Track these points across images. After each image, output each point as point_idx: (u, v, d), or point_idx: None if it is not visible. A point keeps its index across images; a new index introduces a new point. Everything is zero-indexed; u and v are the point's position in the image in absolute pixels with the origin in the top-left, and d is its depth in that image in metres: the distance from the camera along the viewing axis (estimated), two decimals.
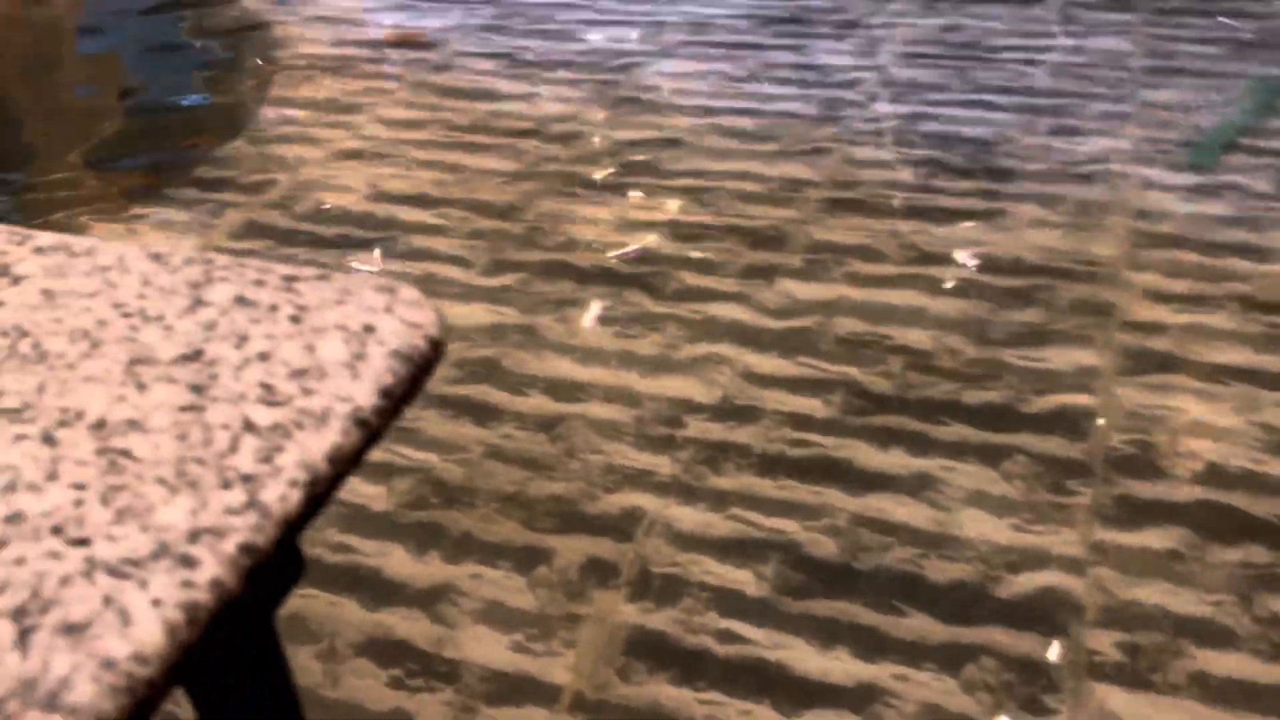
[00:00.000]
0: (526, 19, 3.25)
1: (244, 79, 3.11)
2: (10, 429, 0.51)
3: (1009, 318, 1.94)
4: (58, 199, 2.58)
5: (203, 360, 0.55)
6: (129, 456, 0.50)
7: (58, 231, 0.73)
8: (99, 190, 2.63)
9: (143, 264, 0.63)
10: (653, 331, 1.99)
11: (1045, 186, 2.27)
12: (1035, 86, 2.65)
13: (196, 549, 0.45)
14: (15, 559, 0.45)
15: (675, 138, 2.57)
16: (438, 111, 2.79)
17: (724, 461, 1.72)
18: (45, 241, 0.65)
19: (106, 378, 0.54)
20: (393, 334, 0.57)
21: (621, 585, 1.55)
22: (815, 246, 2.16)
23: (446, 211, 2.38)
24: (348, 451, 0.51)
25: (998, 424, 1.74)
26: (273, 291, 0.60)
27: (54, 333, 0.57)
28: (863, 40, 2.95)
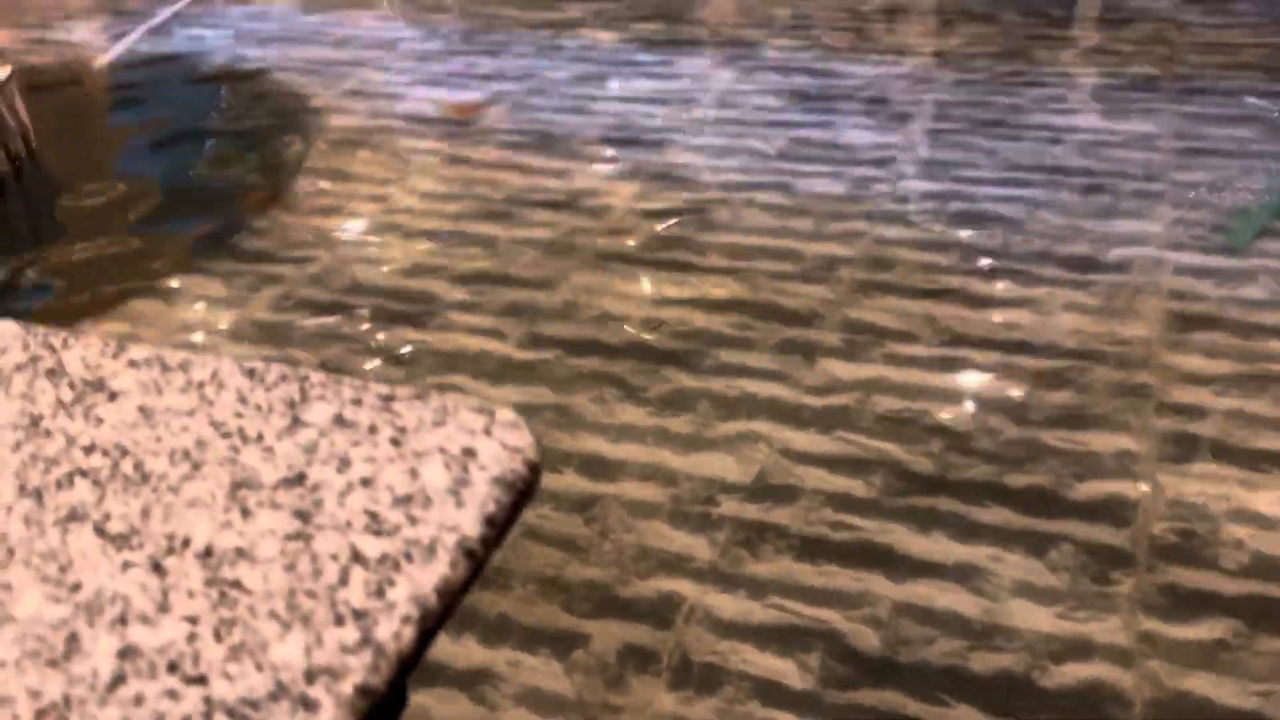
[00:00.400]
0: (558, 95, 3.30)
1: (281, 152, 3.16)
2: (119, 556, 0.52)
3: (1046, 400, 1.94)
4: (95, 272, 2.61)
5: (306, 485, 0.55)
6: (239, 588, 0.50)
7: (96, 304, 0.74)
8: (136, 263, 2.66)
9: (237, 379, 0.63)
10: (687, 409, 1.99)
11: (1078, 267, 2.28)
12: (1066, 166, 2.67)
13: (315, 690, 0.45)
14: (134, 697, 0.45)
15: (708, 214, 2.59)
16: (471, 185, 2.82)
17: (762, 544, 1.71)
18: (139, 355, 0.66)
19: (210, 502, 0.55)
20: (493, 459, 0.57)
21: (661, 673, 1.53)
22: (851, 325, 2.16)
23: (480, 286, 2.40)
24: (456, 584, 0.51)
25: (1040, 509, 1.72)
26: (371, 411, 0.61)
27: (154, 452, 0.58)
28: (892, 117, 2.99)
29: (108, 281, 2.54)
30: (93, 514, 0.55)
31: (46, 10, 4.56)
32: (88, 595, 0.50)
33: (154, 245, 2.74)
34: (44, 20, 4.44)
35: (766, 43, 3.55)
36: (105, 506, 0.55)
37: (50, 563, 0.52)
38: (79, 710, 0.45)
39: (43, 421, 0.61)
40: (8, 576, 0.52)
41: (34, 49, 4.07)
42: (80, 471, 0.57)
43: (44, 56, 3.99)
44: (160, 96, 3.66)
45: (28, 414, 0.62)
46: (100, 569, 0.51)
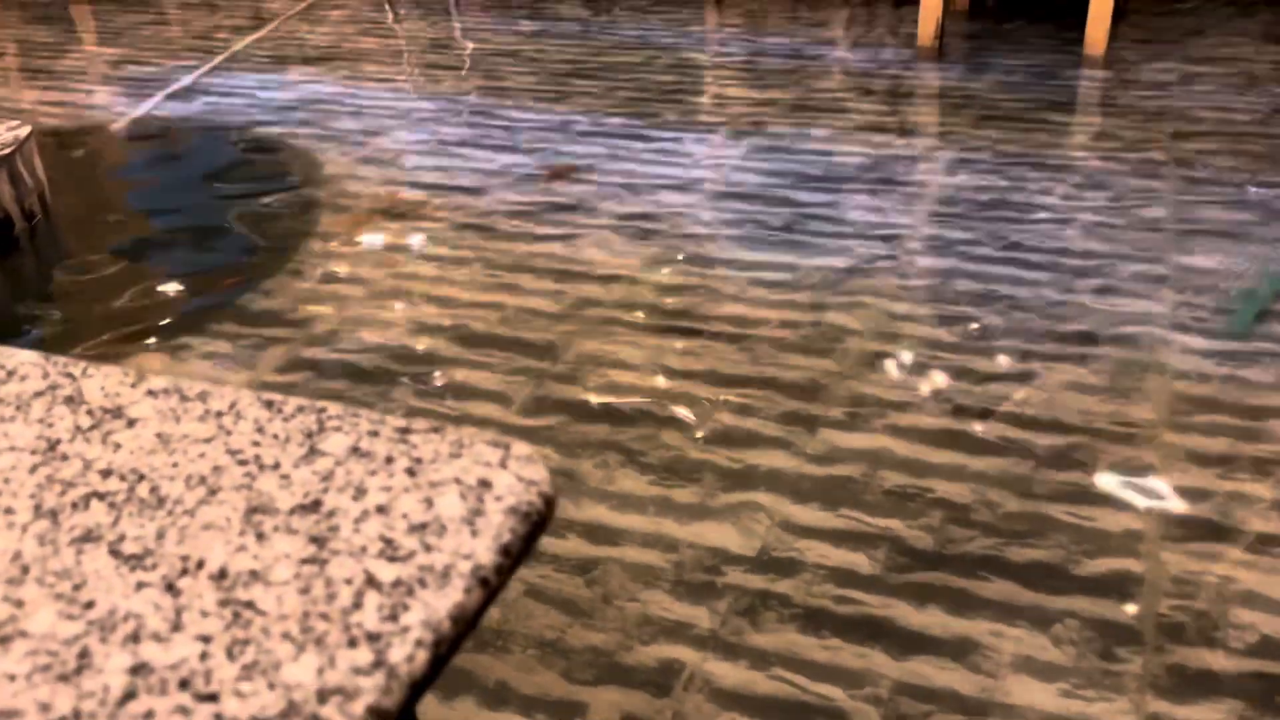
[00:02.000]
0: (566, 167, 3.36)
1: (290, 215, 3.20)
2: (132, 576, 0.51)
3: (1049, 476, 1.93)
4: (100, 329, 2.63)
5: (321, 511, 0.56)
6: (253, 609, 0.50)
7: (102, 360, 0.75)
8: (143, 321, 2.68)
9: (256, 410, 0.64)
10: (691, 479, 1.98)
11: (1080, 347, 2.29)
12: (1068, 247, 2.70)
13: (326, 709, 0.45)
14: (144, 713, 0.45)
15: (712, 285, 2.62)
16: (480, 251, 2.85)
17: (764, 613, 1.70)
18: (157, 385, 0.67)
19: (226, 526, 0.55)
20: (509, 490, 0.57)
21: None
22: (855, 399, 2.17)
23: (488, 350, 2.41)
24: (469, 611, 0.50)
25: (1043, 584, 1.71)
26: (387, 443, 0.61)
27: (171, 477, 0.58)
28: (896, 197, 3.03)
29: (114, 338, 2.56)
30: (108, 535, 0.55)
31: (66, 73, 4.66)
32: (101, 613, 0.50)
33: (162, 304, 2.76)
34: (63, 83, 4.53)
35: (772, 122, 3.62)
36: (120, 528, 0.55)
37: (64, 581, 0.52)
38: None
39: (60, 446, 0.62)
40: (21, 593, 0.52)
41: (53, 110, 4.15)
42: (96, 494, 0.58)
43: (63, 118, 4.06)
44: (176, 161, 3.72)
45: (45, 438, 0.62)
46: (114, 588, 0.51)
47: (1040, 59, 4.02)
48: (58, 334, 2.62)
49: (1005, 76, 3.87)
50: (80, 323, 2.64)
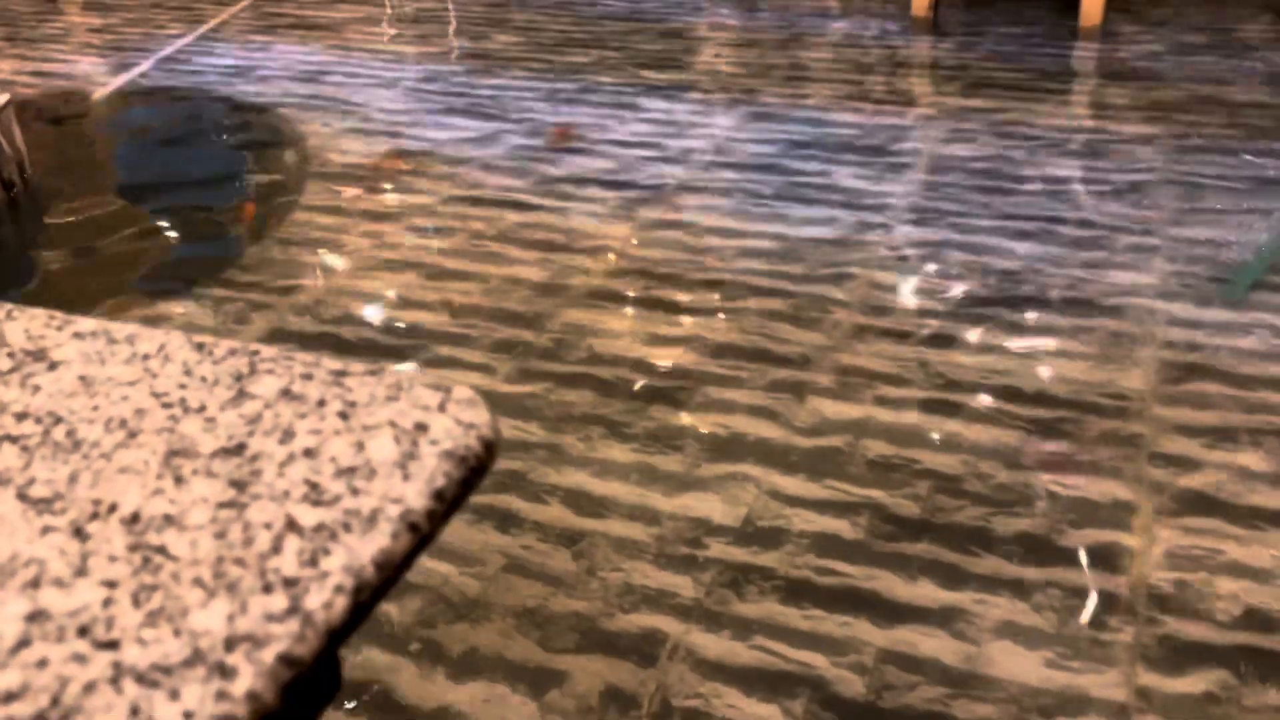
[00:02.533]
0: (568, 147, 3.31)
1: (275, 184, 3.16)
2: (39, 520, 0.48)
3: (1039, 447, 1.90)
4: (82, 297, 2.59)
5: (245, 455, 0.52)
6: (164, 554, 0.47)
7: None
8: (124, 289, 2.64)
9: (185, 353, 0.61)
10: (674, 448, 1.95)
11: (1071, 317, 2.26)
12: (1060, 217, 2.66)
13: (233, 657, 0.42)
14: (37, 660, 0.42)
15: (701, 255, 2.58)
16: (466, 221, 2.81)
17: (748, 585, 1.67)
18: (85, 327, 0.63)
19: (143, 470, 0.51)
20: (446, 433, 0.54)
21: (643, 717, 1.48)
22: (843, 369, 2.14)
23: (472, 321, 2.37)
24: (396, 556, 0.47)
25: (1030, 555, 1.69)
26: (321, 386, 0.58)
27: (89, 420, 0.55)
28: (887, 166, 2.99)
29: (94, 305, 2.52)
30: (17, 479, 0.51)
31: (49, 43, 4.60)
32: (1, 558, 0.47)
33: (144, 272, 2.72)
34: (45, 52, 4.47)
35: (764, 91, 3.57)
36: (31, 471, 0.52)
37: None
38: None
39: None
40: None
41: (35, 81, 4.09)
42: (9, 437, 0.54)
43: (44, 88, 4.01)
44: (158, 129, 3.67)
45: None
46: (18, 533, 0.48)
47: (1035, 30, 3.96)
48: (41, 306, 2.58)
49: (1000, 47, 3.82)
50: (57, 294, 2.60)
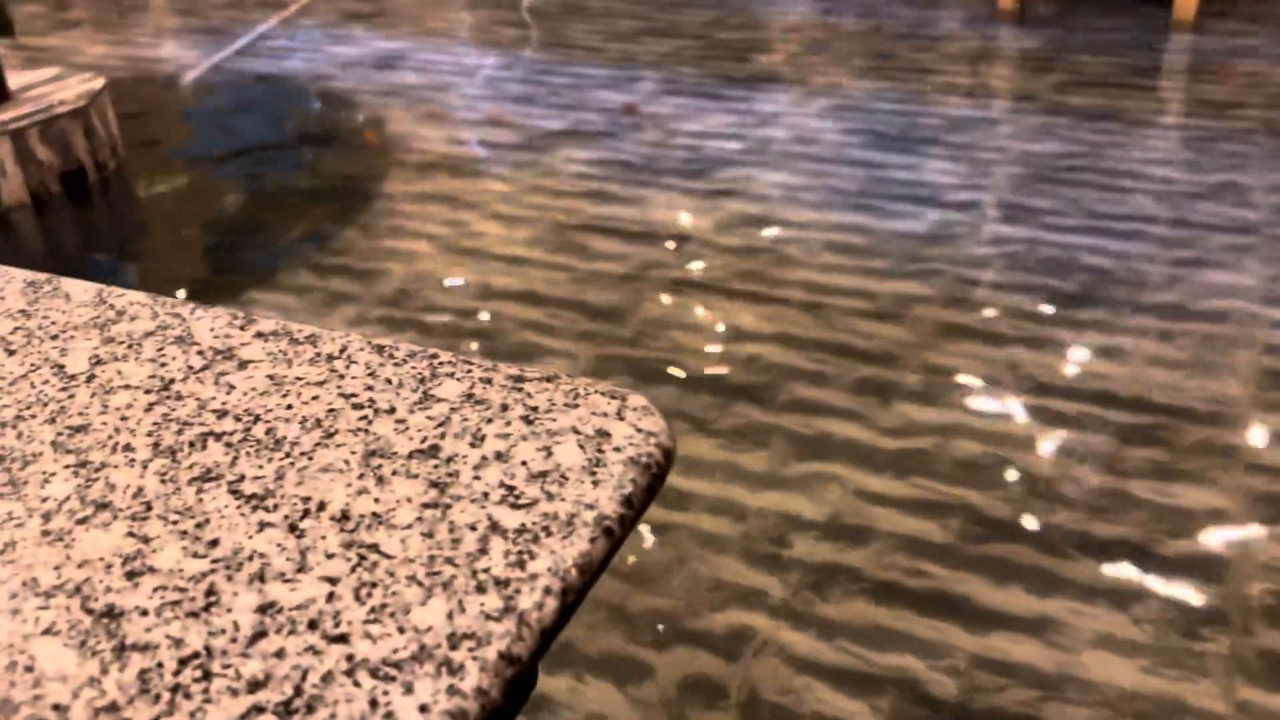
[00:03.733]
0: (636, 127, 3.32)
1: (357, 172, 3.21)
2: (254, 516, 0.51)
3: (1132, 453, 1.88)
4: (167, 275, 2.66)
5: (440, 456, 0.55)
6: (378, 552, 0.49)
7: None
8: (211, 273, 2.70)
9: (367, 355, 0.63)
10: (760, 445, 1.96)
11: (1166, 320, 2.23)
12: (1154, 216, 2.62)
13: (458, 654, 0.44)
14: (275, 651, 0.44)
15: (784, 250, 2.58)
16: (547, 211, 2.84)
17: (835, 585, 1.68)
18: (266, 327, 0.66)
19: (345, 469, 0.54)
20: (627, 441, 0.56)
21: (729, 709, 1.49)
22: (930, 368, 2.13)
23: (554, 311, 2.40)
24: (595, 560, 0.49)
25: (1125, 562, 1.67)
26: (501, 390, 0.60)
27: (285, 419, 0.58)
28: (975, 161, 2.96)
29: (180, 287, 2.59)
30: (227, 475, 0.54)
31: (139, 30, 4.71)
32: (225, 551, 0.49)
33: (230, 256, 2.79)
34: (132, 37, 4.58)
35: (848, 82, 3.55)
36: (239, 468, 0.55)
37: (187, 519, 0.52)
38: (220, 660, 0.44)
39: (174, 385, 0.61)
40: (146, 529, 0.51)
41: (125, 64, 4.19)
42: (213, 434, 0.57)
43: (134, 71, 4.11)
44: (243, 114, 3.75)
45: (159, 378, 0.62)
46: (238, 528, 0.51)
47: (1127, 23, 3.89)
48: (129, 284, 2.66)
49: (1090, 40, 3.75)
50: (145, 275, 2.68)
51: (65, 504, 0.53)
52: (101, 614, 0.47)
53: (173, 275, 2.68)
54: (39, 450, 0.58)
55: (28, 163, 2.91)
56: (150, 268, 2.72)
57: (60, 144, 2.97)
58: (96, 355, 0.65)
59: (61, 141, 2.97)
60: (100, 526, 0.51)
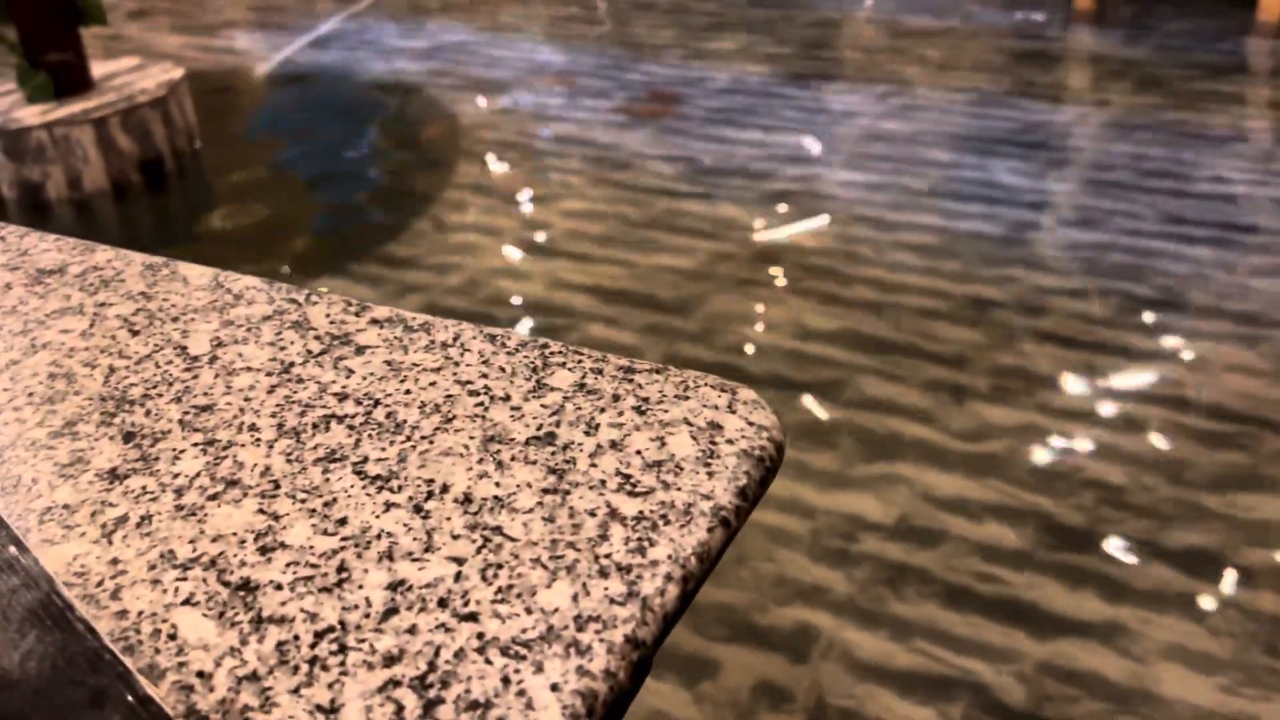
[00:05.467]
0: (706, 122, 3.32)
1: (428, 163, 3.25)
2: (380, 496, 0.52)
3: (1209, 462, 1.85)
4: (239, 263, 2.72)
5: (556, 444, 0.56)
6: (501, 534, 0.50)
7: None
8: (286, 261, 2.75)
9: (479, 343, 0.64)
10: (828, 444, 1.96)
11: (1244, 327, 2.18)
12: (1233, 222, 2.57)
13: (585, 636, 0.45)
14: (408, 627, 0.46)
15: (853, 248, 2.57)
16: (616, 205, 2.85)
17: (904, 586, 1.67)
18: (380, 314, 0.67)
19: (465, 453, 0.55)
20: (740, 434, 0.56)
21: (796, 712, 1.49)
22: (1002, 371, 2.11)
23: (621, 306, 2.41)
24: (713, 549, 0.50)
25: (1200, 572, 1.64)
26: (612, 381, 0.61)
27: (404, 404, 0.59)
28: (1050, 163, 2.92)
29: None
30: (351, 456, 0.56)
31: (213, 20, 4.81)
32: (354, 530, 0.51)
33: (301, 245, 2.84)
34: (209, 28, 4.67)
35: (920, 81, 3.52)
36: (362, 450, 0.56)
37: (315, 497, 0.53)
38: (355, 634, 0.46)
39: (294, 368, 0.63)
40: (275, 507, 0.53)
41: (201, 55, 4.28)
42: (335, 416, 0.59)
43: (210, 62, 4.19)
44: (314, 106, 3.81)
45: (279, 360, 0.64)
46: (365, 507, 0.52)
47: (1208, 24, 3.80)
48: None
49: (1169, 41, 3.68)
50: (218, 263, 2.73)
51: (196, 480, 0.55)
52: (238, 587, 0.48)
53: (246, 263, 2.73)
54: (167, 428, 0.60)
55: (109, 150, 2.99)
56: (225, 256, 2.78)
57: (140, 132, 3.04)
58: (217, 338, 0.67)
59: (141, 130, 3.05)
60: (231, 503, 0.53)
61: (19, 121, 2.93)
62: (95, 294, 0.74)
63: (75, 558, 0.51)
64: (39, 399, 0.63)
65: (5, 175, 2.94)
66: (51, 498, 0.55)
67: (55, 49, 3.02)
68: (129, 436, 0.58)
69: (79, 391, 0.62)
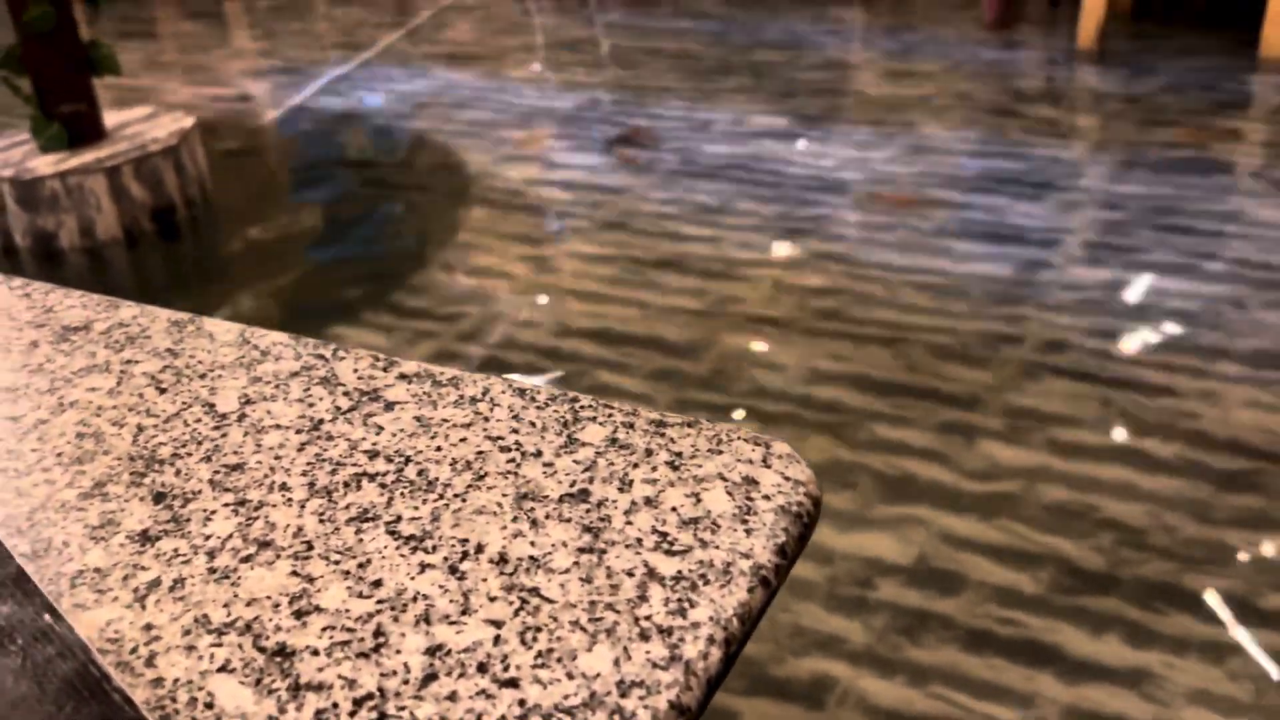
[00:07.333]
0: (712, 165, 3.34)
1: (437, 209, 3.27)
2: (414, 557, 0.52)
3: (1229, 501, 1.84)
4: (251, 310, 2.72)
5: (590, 501, 0.55)
6: (539, 595, 0.49)
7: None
8: (299, 309, 2.76)
9: (509, 398, 0.64)
10: (843, 485, 1.95)
11: (1259, 365, 2.18)
12: (1242, 259, 2.57)
13: (629, 703, 0.44)
14: (448, 694, 0.45)
15: (864, 288, 2.57)
16: (624, 249, 2.86)
17: (924, 632, 1.65)
18: (409, 369, 0.67)
19: (499, 512, 0.55)
20: (776, 489, 0.56)
21: None
22: (1014, 410, 2.10)
23: (630, 349, 2.41)
24: (754, 609, 0.49)
25: (1222, 615, 1.62)
26: (644, 435, 0.60)
27: (436, 461, 0.59)
28: (1058, 202, 2.93)
29: (264, 324, 2.64)
30: (384, 515, 0.55)
31: (222, 70, 4.86)
32: (389, 592, 0.50)
33: (313, 293, 2.85)
34: (218, 76, 4.72)
35: (925, 122, 3.54)
36: (395, 509, 0.56)
37: (349, 559, 0.53)
38: (394, 702, 0.45)
39: (324, 425, 0.63)
40: (310, 569, 0.52)
41: (211, 104, 4.33)
42: (366, 475, 0.58)
43: (220, 110, 4.23)
44: (325, 153, 3.84)
45: (308, 418, 0.64)
46: (399, 569, 0.52)
47: (1211, 62, 3.83)
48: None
49: (1172, 79, 3.70)
50: (232, 310, 2.74)
51: (228, 542, 0.55)
52: (274, 652, 0.48)
53: (260, 311, 2.74)
54: (198, 488, 0.59)
55: (122, 199, 3.01)
56: (238, 302, 2.79)
57: (153, 181, 3.07)
58: (245, 395, 0.67)
59: (154, 179, 3.07)
60: (264, 565, 0.53)
61: (33, 171, 2.95)
62: (121, 351, 0.74)
63: (109, 623, 0.50)
64: (68, 459, 0.62)
65: (19, 225, 2.97)
66: (83, 561, 0.54)
67: (69, 100, 3.05)
68: (159, 497, 0.58)
69: (108, 451, 0.62)
